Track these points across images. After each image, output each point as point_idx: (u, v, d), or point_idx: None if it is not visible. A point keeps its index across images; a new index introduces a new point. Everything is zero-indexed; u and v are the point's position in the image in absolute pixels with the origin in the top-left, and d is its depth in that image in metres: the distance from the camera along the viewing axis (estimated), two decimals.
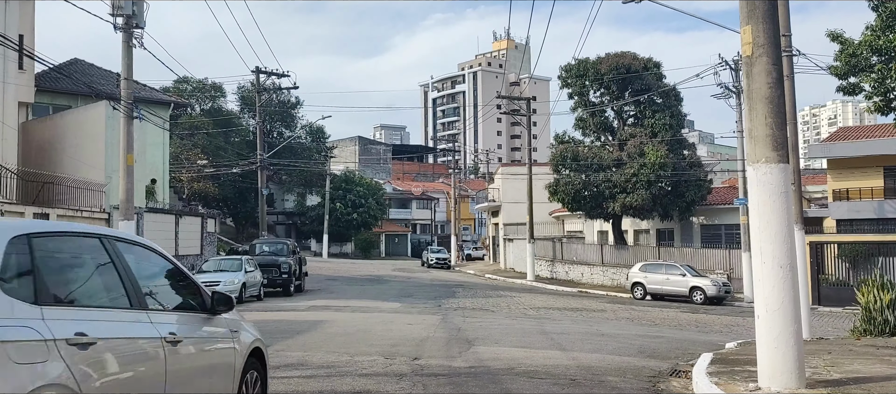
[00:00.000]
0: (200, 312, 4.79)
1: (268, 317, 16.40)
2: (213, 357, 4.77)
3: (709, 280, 28.51)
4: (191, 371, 4.39)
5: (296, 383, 7.90)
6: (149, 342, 3.98)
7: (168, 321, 4.30)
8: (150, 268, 4.56)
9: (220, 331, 4.93)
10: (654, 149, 32.61)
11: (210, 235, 30.33)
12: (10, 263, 3.30)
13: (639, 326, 17.94)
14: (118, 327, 3.80)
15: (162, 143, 28.29)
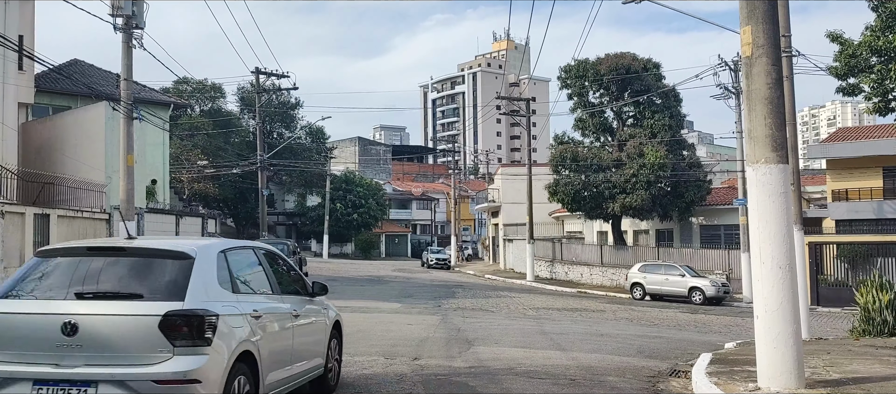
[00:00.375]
0: (305, 295, 7.18)
1: None
2: (314, 325, 7.11)
3: (708, 281, 28.53)
4: (303, 333, 6.74)
5: None
6: (284, 315, 6.35)
7: (291, 302, 6.66)
8: (278, 267, 6.89)
9: (317, 308, 7.38)
10: (654, 149, 32.64)
11: (210, 235, 30.32)
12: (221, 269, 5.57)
13: (638, 326, 17.96)
14: (270, 306, 6.15)
15: (162, 143, 28.29)
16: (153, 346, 4.79)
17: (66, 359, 4.80)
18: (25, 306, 5.04)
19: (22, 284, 5.27)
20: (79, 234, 19.28)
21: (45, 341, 4.82)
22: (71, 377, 4.74)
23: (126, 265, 5.29)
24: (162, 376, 4.71)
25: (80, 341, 4.80)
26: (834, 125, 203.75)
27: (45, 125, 23.65)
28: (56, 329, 4.80)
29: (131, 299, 4.99)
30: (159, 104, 27.91)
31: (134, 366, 4.76)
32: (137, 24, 18.27)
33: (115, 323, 4.86)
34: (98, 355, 4.79)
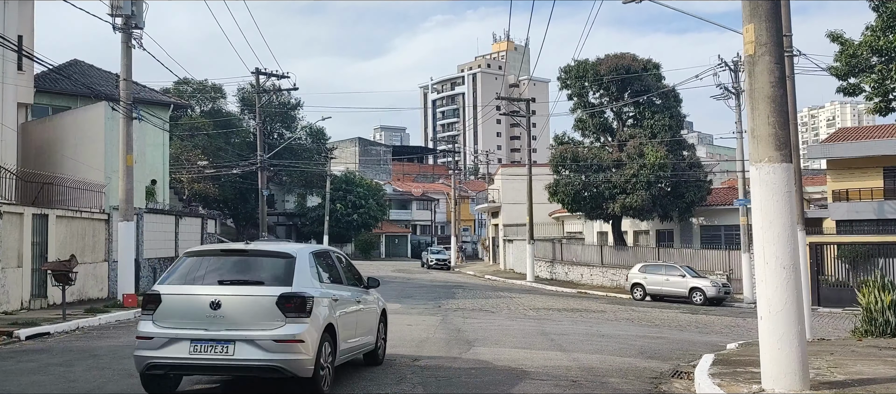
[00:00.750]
0: (362, 288, 9.16)
1: None
2: (369, 310, 9.15)
3: (708, 281, 28.47)
4: (363, 316, 8.79)
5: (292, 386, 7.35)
6: (351, 301, 8.33)
7: (354, 292, 8.71)
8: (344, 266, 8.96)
9: (371, 298, 9.42)
10: (654, 150, 32.58)
11: (210, 235, 30.26)
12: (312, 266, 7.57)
13: (639, 326, 17.90)
14: (342, 294, 8.16)
15: (162, 143, 28.22)
16: (272, 316, 6.85)
17: (213, 325, 6.83)
18: (184, 290, 7.09)
19: (181, 275, 7.32)
20: (77, 234, 19.22)
21: (199, 313, 6.85)
22: (216, 337, 6.78)
23: (249, 262, 7.48)
24: (279, 336, 6.77)
25: (223, 313, 6.84)
26: (833, 126, 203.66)
27: (45, 125, 23.57)
28: (205, 305, 6.84)
29: (256, 285, 7.14)
30: (159, 105, 27.83)
31: (259, 330, 6.80)
32: (137, 23, 18.23)
33: (247, 301, 6.98)
34: (235, 322, 6.84)
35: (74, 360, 9.49)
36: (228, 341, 6.75)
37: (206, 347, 6.75)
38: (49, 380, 8.07)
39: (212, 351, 6.74)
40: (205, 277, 7.20)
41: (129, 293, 17.82)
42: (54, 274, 14.60)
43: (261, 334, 6.75)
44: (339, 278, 8.45)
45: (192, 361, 6.78)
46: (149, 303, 7.08)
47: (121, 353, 10.15)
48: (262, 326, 6.81)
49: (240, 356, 6.72)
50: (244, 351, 6.72)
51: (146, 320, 7.04)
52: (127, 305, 17.51)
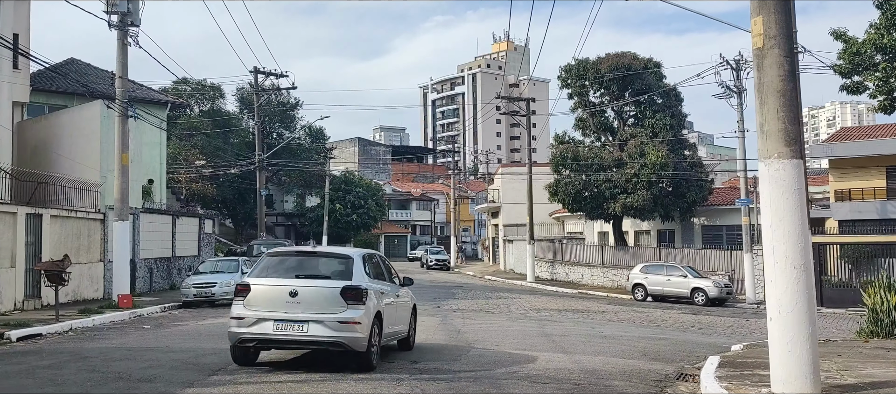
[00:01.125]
0: (398, 284, 10.77)
1: None
2: (404, 303, 10.82)
3: (710, 281, 28.24)
4: (399, 307, 10.45)
5: (289, 388, 7.83)
6: (391, 295, 9.93)
7: (393, 287, 10.36)
8: (387, 266, 10.71)
9: (405, 293, 11.03)
10: (655, 149, 32.34)
11: (208, 236, 30.03)
12: (365, 265, 9.27)
13: (641, 327, 17.68)
14: (386, 288, 9.86)
15: (159, 143, 28.01)
16: (336, 303, 8.66)
17: (291, 309, 8.63)
18: (269, 282, 8.92)
19: (265, 270, 9.15)
20: (72, 234, 18.99)
21: (280, 299, 8.66)
22: (294, 318, 8.61)
23: (317, 261, 9.51)
24: (342, 318, 8.58)
25: (299, 300, 8.66)
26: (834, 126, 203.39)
27: (41, 124, 23.35)
28: (285, 293, 8.66)
29: (324, 279, 9.00)
30: (156, 103, 27.62)
31: (327, 313, 8.60)
32: (133, 21, 18.02)
33: (317, 291, 8.82)
34: (308, 307, 8.64)
35: (64, 362, 9.27)
36: (303, 321, 8.61)
37: (286, 325, 8.61)
38: (35, 383, 7.85)
39: (290, 329, 8.60)
40: (283, 272, 9.12)
41: (125, 294, 17.59)
42: (47, 274, 14.38)
43: (328, 317, 8.59)
44: (383, 276, 10.23)
45: (275, 336, 8.65)
46: (241, 291, 8.94)
47: (111, 355, 9.93)
48: (328, 310, 8.64)
49: (312, 333, 8.58)
50: (315, 329, 8.55)
51: (238, 305, 8.85)
52: (122, 305, 17.29)
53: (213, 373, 8.48)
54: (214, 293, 19.57)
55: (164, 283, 25.00)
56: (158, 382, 7.89)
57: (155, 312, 17.85)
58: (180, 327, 14.33)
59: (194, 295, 19.54)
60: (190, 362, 9.23)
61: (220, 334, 12.55)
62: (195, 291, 19.57)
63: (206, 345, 11.05)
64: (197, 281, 19.88)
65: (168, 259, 25.76)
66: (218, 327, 14.00)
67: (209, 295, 19.60)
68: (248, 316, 8.66)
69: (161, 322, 15.38)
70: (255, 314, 8.65)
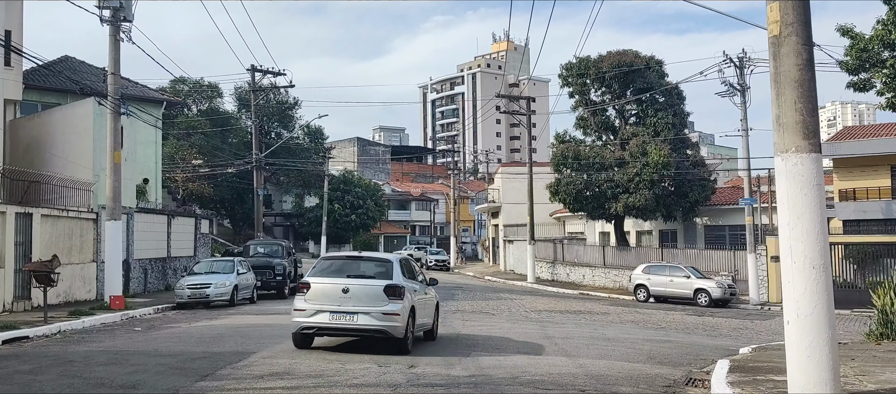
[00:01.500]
0: (426, 284, 12.30)
1: (258, 320, 15.74)
2: (430, 300, 12.31)
3: (714, 282, 27.86)
4: (426, 303, 11.94)
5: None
6: (421, 292, 11.62)
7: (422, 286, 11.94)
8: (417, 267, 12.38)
9: (431, 292, 12.53)
10: (657, 148, 31.95)
11: (204, 236, 29.64)
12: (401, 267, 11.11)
13: (645, 329, 17.30)
14: (417, 287, 11.59)
15: (154, 141, 27.62)
16: (380, 299, 10.34)
17: (343, 303, 10.35)
18: (325, 280, 10.64)
19: (321, 271, 10.91)
20: (64, 234, 18.61)
21: (334, 295, 10.37)
22: (346, 310, 10.32)
23: (364, 264, 11.23)
24: (385, 310, 10.27)
25: (350, 296, 10.37)
26: (834, 126, 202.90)
27: (33, 122, 22.96)
28: (339, 290, 10.39)
29: (370, 279, 10.66)
30: (151, 101, 27.23)
31: (372, 306, 10.28)
32: (125, 16, 17.64)
33: (365, 288, 10.49)
34: (357, 301, 10.34)
35: (45, 367, 8.87)
36: (353, 313, 10.37)
37: (339, 316, 10.40)
38: (11, 390, 7.46)
39: (343, 319, 10.40)
40: (336, 272, 10.86)
41: (117, 295, 17.21)
42: (35, 275, 14.00)
43: (373, 310, 10.33)
44: (414, 277, 11.86)
45: (330, 325, 10.46)
46: (302, 288, 10.77)
47: (96, 359, 9.54)
48: (374, 304, 10.37)
49: (360, 323, 10.37)
50: (363, 319, 10.31)
51: (299, 299, 10.63)
52: (114, 307, 16.91)
53: (201, 378, 8.09)
54: (209, 294, 19.17)
55: (159, 283, 24.61)
56: (141, 388, 7.50)
57: (148, 313, 17.46)
58: (172, 329, 13.94)
59: (188, 296, 19.15)
60: (177, 367, 8.84)
61: (212, 338, 12.17)
62: (189, 292, 19.17)
63: (197, 349, 10.67)
64: (191, 282, 19.48)
65: (163, 259, 25.38)
66: (211, 330, 13.63)
67: (203, 296, 19.20)
68: (308, 308, 10.50)
69: (153, 324, 15.00)
70: (314, 307, 10.45)
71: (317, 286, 10.55)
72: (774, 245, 28.95)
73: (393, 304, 10.34)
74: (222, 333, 12.97)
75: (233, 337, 12.21)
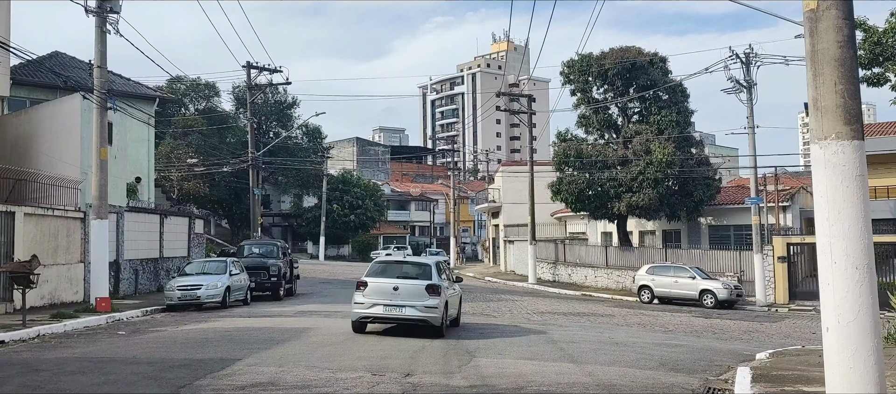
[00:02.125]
0: (454, 281, 15.24)
1: (249, 323, 15.05)
2: (457, 295, 15.07)
3: (720, 283, 27.20)
4: (454, 298, 14.67)
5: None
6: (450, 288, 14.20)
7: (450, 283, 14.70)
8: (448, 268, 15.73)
9: (457, 288, 15.39)
10: (661, 146, 31.26)
11: (198, 236, 28.95)
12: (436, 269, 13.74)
13: (653, 332, 16.62)
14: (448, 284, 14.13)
15: (147, 139, 26.96)
16: (423, 295, 12.62)
17: (393, 299, 12.67)
18: (379, 280, 12.93)
19: (375, 272, 13.19)
20: (49, 233, 17.92)
21: (386, 292, 12.70)
22: (396, 304, 12.66)
23: (409, 267, 13.59)
24: (426, 304, 12.59)
25: (399, 293, 12.67)
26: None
27: (21, 119, 22.26)
28: (390, 288, 12.73)
29: (414, 279, 12.92)
30: (144, 98, 26.56)
31: (416, 301, 12.60)
32: (112, 7, 16.96)
33: (411, 286, 12.75)
34: (405, 297, 12.65)
35: (9, 377, 8.15)
36: (402, 306, 12.75)
37: (391, 308, 12.79)
38: None
39: (393, 311, 12.80)
40: (387, 273, 13.29)
41: (103, 297, 16.52)
42: (13, 276, 13.32)
43: (418, 303, 12.69)
44: (446, 277, 14.22)
45: (383, 315, 12.91)
46: (360, 285, 13.07)
47: (67, 367, 8.84)
48: (418, 299, 12.73)
49: (407, 314, 12.77)
50: (409, 311, 12.71)
51: (358, 294, 12.98)
52: (100, 309, 16.23)
53: (176, 390, 7.41)
54: (200, 296, 18.49)
55: (151, 284, 23.93)
56: None
57: (135, 316, 16.78)
58: (157, 333, 13.26)
59: (179, 298, 18.45)
60: (152, 376, 8.15)
61: (197, 343, 11.50)
62: (180, 294, 18.48)
63: (178, 355, 9.98)
64: (181, 283, 18.78)
65: (155, 260, 24.69)
66: (198, 334, 12.95)
67: (194, 298, 18.51)
68: (365, 302, 12.92)
69: (138, 328, 14.31)
70: (371, 301, 12.87)
71: (372, 284, 12.98)
72: (781, 245, 28.29)
73: (432, 299, 12.82)
74: (209, 337, 12.29)
75: (219, 342, 11.53)
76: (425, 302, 12.66)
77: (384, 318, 12.95)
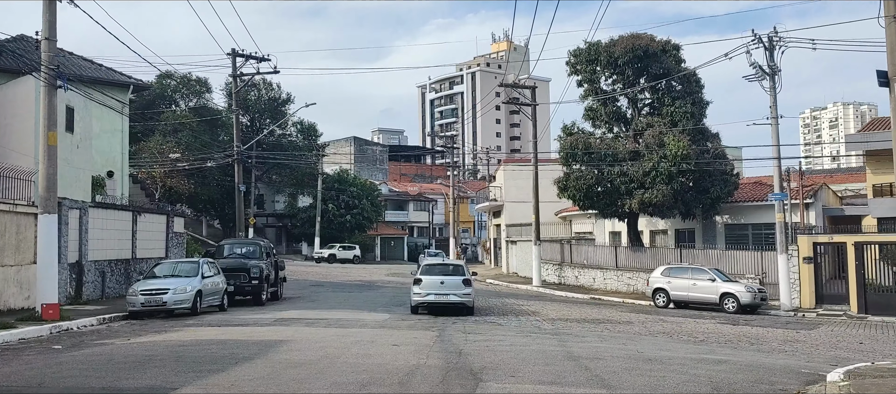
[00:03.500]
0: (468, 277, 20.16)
1: (215, 335, 12.88)
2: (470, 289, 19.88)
3: (742, 286, 25.06)
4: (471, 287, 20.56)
5: None
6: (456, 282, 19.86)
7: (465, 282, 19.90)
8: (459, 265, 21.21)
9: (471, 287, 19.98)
10: (676, 139, 29.10)
11: (178, 235, 26.79)
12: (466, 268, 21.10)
13: (684, 344, 14.48)
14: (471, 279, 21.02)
15: (120, 129, 24.83)
16: (461, 286, 19.17)
17: (441, 290, 19.07)
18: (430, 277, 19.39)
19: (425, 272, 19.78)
20: None
21: (436, 285, 19.05)
22: (443, 292, 19.09)
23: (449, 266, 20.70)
24: (463, 293, 19.12)
25: (444, 285, 19.17)
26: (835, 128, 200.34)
27: None
28: (438, 282, 19.13)
29: (454, 275, 19.58)
30: (116, 85, 24.42)
31: (457, 291, 19.07)
32: None
33: (453, 280, 19.30)
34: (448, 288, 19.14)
35: None
36: (447, 294, 18.57)
37: (440, 296, 18.52)
38: None
39: (441, 298, 18.50)
40: (434, 272, 19.33)
41: (50, 303, 14.36)
42: None
43: (457, 292, 18.61)
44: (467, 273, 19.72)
45: (436, 301, 18.54)
46: (417, 281, 18.85)
47: None
48: (458, 290, 18.60)
49: (451, 300, 18.51)
50: (452, 298, 18.51)
51: (416, 287, 18.69)
52: (46, 317, 14.08)
53: None
54: (166, 301, 16.31)
55: (121, 288, 21.74)
56: None
57: (88, 325, 14.62)
58: (99, 348, 11.10)
59: (142, 304, 16.29)
60: None
61: (137, 362, 9.32)
62: (143, 299, 16.31)
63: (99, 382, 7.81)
64: (146, 287, 16.61)
65: (126, 261, 22.54)
66: (145, 350, 10.77)
67: (160, 303, 16.34)
68: (422, 292, 18.64)
69: (82, 340, 12.15)
70: (425, 291, 18.67)
71: (425, 280, 18.89)
72: (807, 245, 26.14)
73: (468, 289, 18.89)
74: (155, 354, 10.12)
75: (164, 362, 9.36)
76: (463, 291, 18.84)
77: (434, 303, 18.74)
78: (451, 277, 18.96)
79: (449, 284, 18.69)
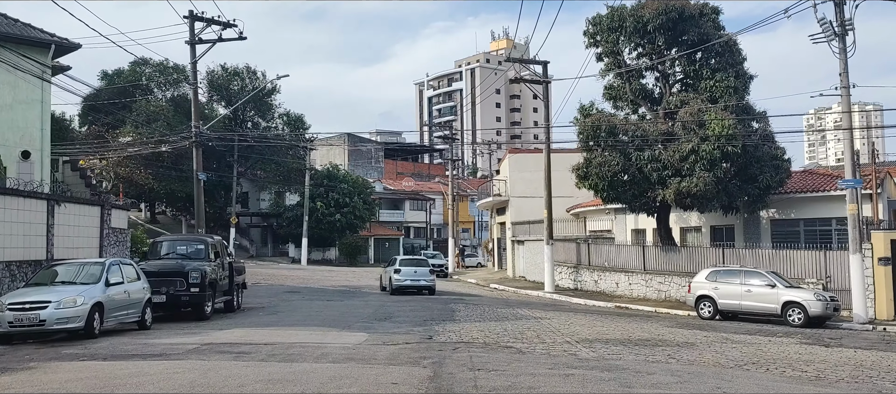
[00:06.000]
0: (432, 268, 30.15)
1: (66, 377, 8.02)
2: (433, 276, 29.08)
3: (810, 294, 20.32)
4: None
5: None
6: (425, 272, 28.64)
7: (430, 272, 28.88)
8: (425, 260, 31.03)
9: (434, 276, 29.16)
10: (719, 117, 24.28)
11: (116, 231, 21.96)
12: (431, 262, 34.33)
13: (783, 379, 9.67)
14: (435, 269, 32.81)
15: (39, 100, 20.02)
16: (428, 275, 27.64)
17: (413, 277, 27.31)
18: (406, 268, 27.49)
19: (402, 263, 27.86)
20: None
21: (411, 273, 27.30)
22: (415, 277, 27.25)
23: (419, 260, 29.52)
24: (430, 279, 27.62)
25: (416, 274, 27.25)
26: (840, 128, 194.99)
27: None
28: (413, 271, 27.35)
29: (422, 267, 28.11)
30: (33, 44, 19.61)
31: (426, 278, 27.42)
32: None
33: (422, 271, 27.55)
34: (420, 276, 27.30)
35: None
36: (419, 278, 26.98)
37: (414, 281, 26.82)
38: None
39: (415, 283, 26.83)
40: (409, 264, 27.79)
41: None
42: None
43: (426, 279, 27.26)
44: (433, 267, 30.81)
45: (410, 284, 26.76)
46: (396, 271, 27.03)
47: None
48: (426, 277, 27.23)
49: (421, 284, 26.94)
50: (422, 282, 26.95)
51: (397, 275, 26.75)
52: None
53: None
54: (45, 320, 11.45)
55: None
56: None
57: None
58: None
59: (10, 323, 11.44)
60: None
61: None
62: (12, 317, 11.46)
63: None
64: (19, 299, 11.75)
65: (39, 262, 17.68)
66: None
67: (36, 322, 11.48)
68: (400, 278, 26.42)
69: None
70: (403, 278, 26.49)
71: (403, 270, 26.67)
72: (883, 243, 21.36)
73: (432, 276, 27.46)
74: None
75: None
76: (430, 278, 27.17)
77: (409, 286, 26.53)
78: (421, 269, 27.32)
79: (420, 273, 26.95)
